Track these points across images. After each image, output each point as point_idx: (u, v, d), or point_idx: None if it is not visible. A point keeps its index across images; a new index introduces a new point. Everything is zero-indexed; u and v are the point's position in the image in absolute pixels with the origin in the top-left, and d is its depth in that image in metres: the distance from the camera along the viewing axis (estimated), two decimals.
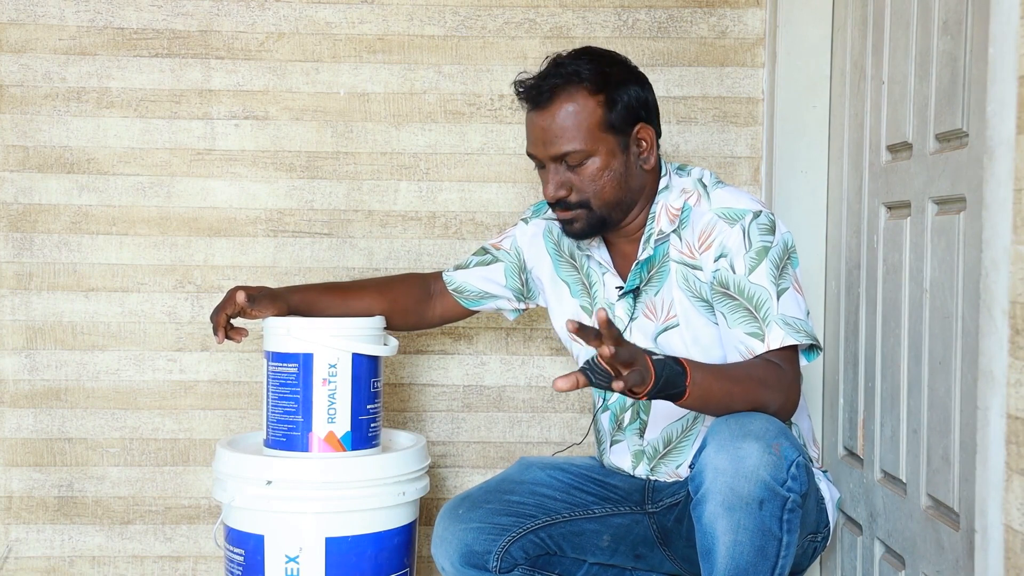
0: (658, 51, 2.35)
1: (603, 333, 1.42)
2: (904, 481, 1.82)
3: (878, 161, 1.97)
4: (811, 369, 2.25)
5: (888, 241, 1.91)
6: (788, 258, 1.76)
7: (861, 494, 2.01)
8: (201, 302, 2.36)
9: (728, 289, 1.74)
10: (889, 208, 1.92)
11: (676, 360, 1.53)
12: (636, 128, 1.81)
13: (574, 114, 1.77)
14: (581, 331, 1.41)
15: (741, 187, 2.36)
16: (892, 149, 1.92)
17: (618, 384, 1.44)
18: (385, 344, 1.96)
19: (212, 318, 1.92)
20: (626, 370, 1.45)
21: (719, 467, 1.56)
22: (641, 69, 1.86)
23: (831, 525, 1.85)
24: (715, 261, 1.76)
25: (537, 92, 1.79)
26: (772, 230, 1.76)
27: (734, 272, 1.74)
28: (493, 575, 1.89)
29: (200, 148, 2.36)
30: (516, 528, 1.89)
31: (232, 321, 1.94)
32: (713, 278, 1.77)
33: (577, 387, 1.43)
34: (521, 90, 1.83)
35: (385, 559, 1.89)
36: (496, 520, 1.89)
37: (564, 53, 1.84)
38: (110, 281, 2.36)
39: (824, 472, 1.90)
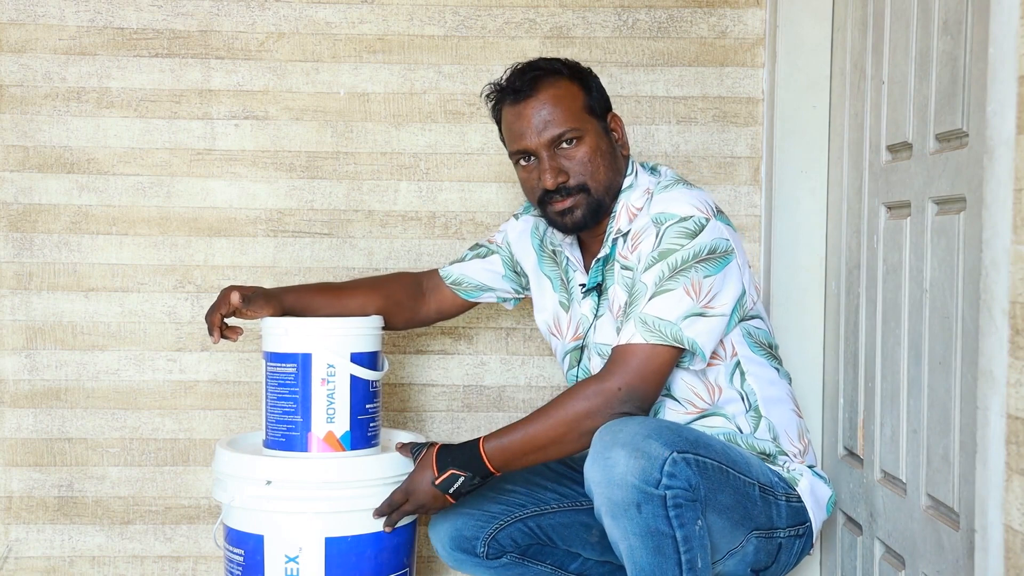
0: (658, 51, 2.35)
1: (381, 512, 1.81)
2: (904, 481, 1.82)
3: (878, 161, 1.97)
4: (811, 368, 2.25)
5: (888, 241, 1.91)
6: (700, 262, 1.73)
7: (861, 494, 2.01)
8: (201, 302, 2.36)
9: (630, 287, 1.79)
10: (889, 208, 1.92)
11: (477, 458, 1.73)
12: (609, 116, 1.89)
13: (563, 97, 1.83)
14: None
15: (740, 187, 2.36)
16: (892, 149, 1.92)
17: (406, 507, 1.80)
18: (381, 366, 1.96)
19: (207, 318, 1.92)
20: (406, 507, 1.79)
21: (594, 479, 1.61)
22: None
23: (813, 522, 1.83)
24: (638, 262, 1.79)
25: (521, 83, 1.84)
26: (694, 235, 1.74)
27: (636, 270, 1.78)
28: (482, 560, 1.92)
29: (200, 148, 2.36)
30: (504, 516, 1.92)
31: (228, 320, 1.94)
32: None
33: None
34: (503, 86, 1.87)
35: (385, 559, 1.89)
36: (486, 507, 1.92)
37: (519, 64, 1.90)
38: (110, 281, 2.36)
39: (811, 468, 1.89)
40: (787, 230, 2.27)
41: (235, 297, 1.90)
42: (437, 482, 1.75)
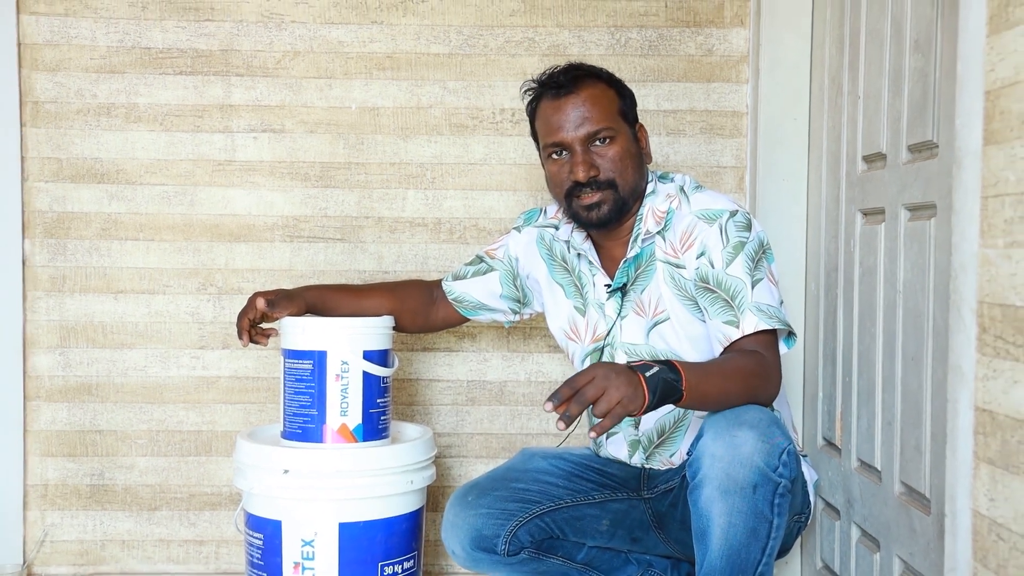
0: (649, 68, 2.36)
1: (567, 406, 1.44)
2: (879, 469, 1.82)
3: (854, 170, 1.97)
4: (792, 364, 2.25)
5: (864, 245, 1.91)
6: (763, 253, 1.76)
7: (839, 481, 2.01)
8: (222, 303, 2.36)
9: (708, 283, 1.75)
10: (865, 214, 1.92)
11: (671, 367, 1.53)
12: (637, 125, 1.88)
13: (600, 97, 1.82)
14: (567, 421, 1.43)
15: (726, 194, 2.36)
16: (867, 159, 1.92)
17: (607, 417, 1.45)
18: (391, 363, 1.96)
19: (237, 324, 1.93)
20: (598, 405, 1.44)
21: (716, 454, 1.55)
22: (633, 84, 1.87)
23: (812, 506, 1.84)
24: (697, 259, 1.77)
25: (564, 80, 1.83)
26: (748, 227, 1.76)
27: (712, 267, 1.75)
28: (501, 557, 1.88)
29: (221, 159, 2.36)
30: (522, 513, 1.89)
31: (260, 325, 1.94)
32: (695, 275, 1.78)
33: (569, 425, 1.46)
34: (544, 81, 1.85)
35: (395, 543, 1.89)
36: (504, 506, 1.89)
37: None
38: (137, 284, 2.36)
39: (804, 456, 1.90)
40: (770, 235, 2.25)
41: (261, 303, 1.90)
42: (633, 365, 1.50)
